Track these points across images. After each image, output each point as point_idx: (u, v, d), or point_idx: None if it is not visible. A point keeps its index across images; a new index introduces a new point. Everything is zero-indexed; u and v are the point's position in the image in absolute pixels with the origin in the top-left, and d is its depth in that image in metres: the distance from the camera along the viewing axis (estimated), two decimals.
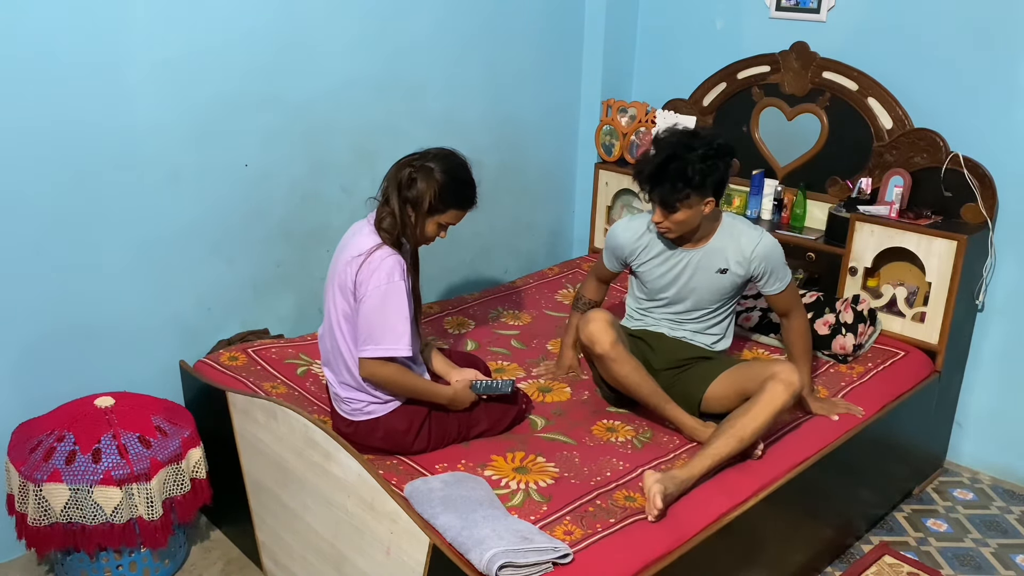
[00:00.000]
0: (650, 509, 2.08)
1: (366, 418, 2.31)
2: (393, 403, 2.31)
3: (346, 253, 2.26)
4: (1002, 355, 3.14)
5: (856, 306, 2.98)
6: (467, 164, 2.32)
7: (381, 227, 2.25)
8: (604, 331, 2.41)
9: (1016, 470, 3.22)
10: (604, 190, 3.88)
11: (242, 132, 2.84)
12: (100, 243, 2.61)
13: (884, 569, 2.69)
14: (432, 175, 2.23)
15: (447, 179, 2.24)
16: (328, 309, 2.33)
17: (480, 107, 3.56)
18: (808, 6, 3.32)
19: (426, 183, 2.22)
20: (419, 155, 2.28)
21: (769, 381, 2.33)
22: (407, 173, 2.24)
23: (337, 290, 2.27)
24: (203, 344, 2.92)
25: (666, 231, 2.50)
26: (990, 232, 2.98)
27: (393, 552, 2.02)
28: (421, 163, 2.25)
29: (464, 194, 2.30)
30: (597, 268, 2.83)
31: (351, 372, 2.29)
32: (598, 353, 2.42)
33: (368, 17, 3.07)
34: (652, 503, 2.07)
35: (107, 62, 2.49)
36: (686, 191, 2.37)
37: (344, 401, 2.34)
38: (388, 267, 2.19)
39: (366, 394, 2.30)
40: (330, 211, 3.17)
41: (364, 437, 2.32)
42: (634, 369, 2.45)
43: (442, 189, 2.23)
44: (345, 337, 2.28)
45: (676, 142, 2.41)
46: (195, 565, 2.66)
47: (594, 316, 2.45)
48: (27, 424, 2.48)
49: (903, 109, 3.09)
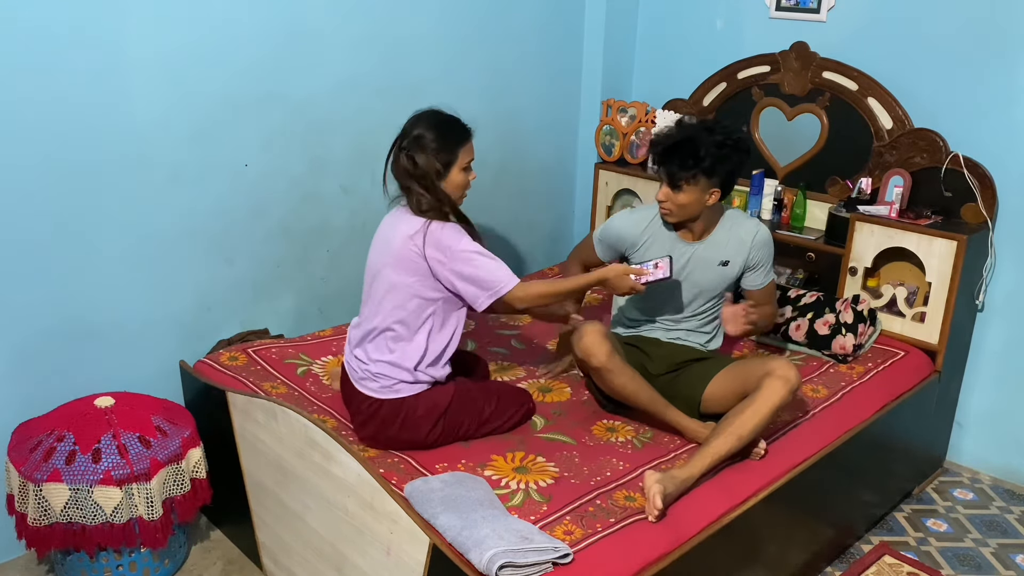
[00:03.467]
0: (650, 509, 2.08)
1: (394, 396, 2.33)
2: (419, 386, 2.35)
3: (398, 235, 2.32)
4: (1002, 355, 3.14)
5: (856, 306, 2.98)
6: (437, 109, 2.40)
7: (423, 211, 2.32)
8: (599, 344, 2.40)
9: (1016, 470, 3.22)
10: (604, 190, 3.87)
11: (242, 131, 2.84)
12: (100, 242, 2.61)
13: (884, 569, 2.69)
14: (423, 140, 2.31)
15: (436, 132, 2.32)
16: (378, 289, 2.37)
17: (480, 106, 3.55)
18: (808, 6, 3.32)
19: (424, 149, 2.30)
20: (399, 137, 2.36)
21: (767, 378, 2.33)
22: (404, 157, 2.32)
23: (400, 268, 2.32)
24: (203, 344, 2.92)
25: (667, 212, 2.52)
26: (990, 232, 2.98)
27: (393, 552, 2.02)
28: (406, 140, 2.33)
29: (458, 129, 2.37)
30: (584, 252, 2.80)
31: (396, 341, 2.34)
32: (595, 366, 2.41)
33: (368, 16, 3.07)
34: (652, 503, 2.07)
35: (107, 62, 2.49)
36: (695, 171, 2.41)
37: (374, 377, 2.35)
38: (450, 231, 2.30)
39: (400, 370, 2.34)
40: (330, 210, 3.17)
41: (385, 417, 2.33)
42: (631, 378, 2.44)
43: (439, 141, 2.31)
44: (403, 309, 2.33)
45: (697, 125, 2.52)
46: (195, 565, 2.66)
47: (588, 330, 2.43)
48: (27, 424, 2.48)
49: (903, 109, 3.09)
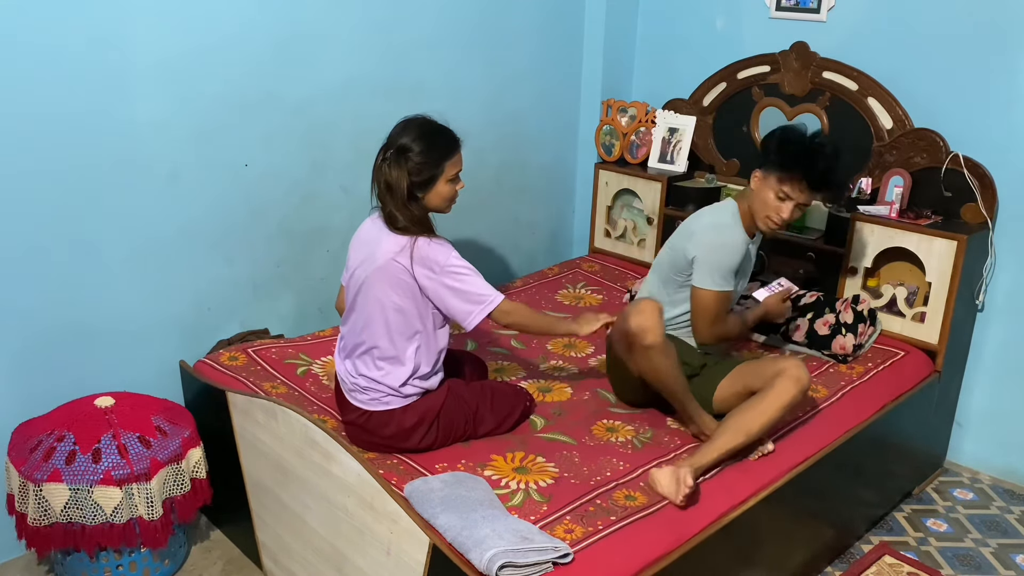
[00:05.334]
0: (680, 491, 2.11)
1: (383, 408, 2.32)
2: (409, 399, 2.33)
3: (383, 252, 2.26)
4: (1002, 355, 3.14)
5: (856, 306, 2.98)
6: (427, 117, 2.31)
7: (397, 228, 2.26)
8: (658, 323, 2.37)
9: (1016, 470, 3.22)
10: (604, 190, 3.87)
11: (242, 132, 2.84)
12: (100, 243, 2.61)
13: (884, 569, 2.69)
14: (407, 152, 2.23)
15: (422, 144, 2.24)
16: (364, 305, 2.32)
17: (480, 107, 3.56)
18: (808, 6, 3.32)
19: (407, 163, 2.23)
20: (385, 145, 2.29)
21: (778, 378, 2.33)
22: (386, 167, 2.25)
23: (387, 286, 2.27)
24: (203, 344, 2.92)
25: (781, 227, 2.56)
26: (990, 232, 2.98)
27: (393, 552, 2.02)
28: (391, 151, 2.25)
29: (446, 141, 2.29)
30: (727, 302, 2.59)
31: (384, 359, 2.31)
32: (648, 343, 2.35)
33: (368, 17, 3.07)
34: (683, 482, 2.11)
35: (107, 62, 2.49)
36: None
37: (363, 390, 2.34)
38: (436, 247, 2.26)
39: (385, 386, 2.32)
40: (330, 211, 3.17)
41: (375, 428, 2.33)
42: (675, 364, 2.42)
43: (425, 154, 2.24)
44: (390, 327, 2.29)
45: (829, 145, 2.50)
46: (195, 565, 2.66)
47: (648, 307, 2.39)
48: (27, 424, 2.48)
49: (903, 109, 3.09)
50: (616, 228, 3.89)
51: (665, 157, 3.71)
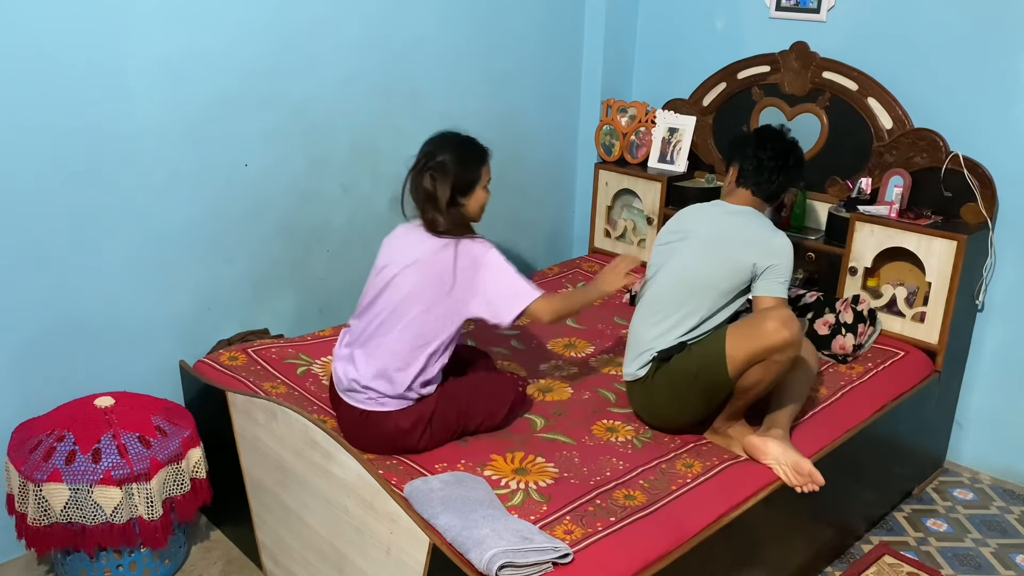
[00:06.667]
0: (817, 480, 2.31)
1: (380, 409, 2.33)
2: (404, 402, 2.34)
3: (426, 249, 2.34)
4: (1002, 355, 3.14)
5: (856, 306, 2.98)
6: (455, 132, 2.45)
7: (439, 232, 2.35)
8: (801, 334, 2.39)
9: (1016, 470, 3.22)
10: (604, 190, 3.88)
11: (242, 131, 2.84)
12: (100, 242, 2.61)
13: (884, 569, 2.69)
14: (446, 165, 2.34)
15: (458, 154, 2.37)
16: (387, 302, 2.35)
17: (480, 106, 3.56)
18: (808, 6, 3.32)
19: (447, 174, 2.34)
20: (419, 161, 2.38)
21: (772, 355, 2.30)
22: (428, 178, 2.34)
23: (419, 284, 2.32)
24: (203, 344, 2.92)
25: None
26: (990, 232, 2.98)
27: (393, 552, 2.02)
28: (431, 163, 2.35)
29: (478, 150, 2.43)
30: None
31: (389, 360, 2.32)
32: (791, 355, 2.33)
33: (368, 16, 3.07)
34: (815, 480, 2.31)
35: (107, 61, 2.49)
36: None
37: (362, 390, 2.35)
38: (480, 243, 2.37)
39: (392, 387, 2.32)
40: (330, 210, 3.17)
41: (373, 427, 2.33)
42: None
43: (463, 164, 2.36)
44: (406, 330, 2.32)
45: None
46: (195, 565, 2.66)
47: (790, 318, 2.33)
48: (27, 424, 2.48)
49: (903, 109, 3.10)
50: (616, 228, 3.89)
51: (665, 157, 3.71)
